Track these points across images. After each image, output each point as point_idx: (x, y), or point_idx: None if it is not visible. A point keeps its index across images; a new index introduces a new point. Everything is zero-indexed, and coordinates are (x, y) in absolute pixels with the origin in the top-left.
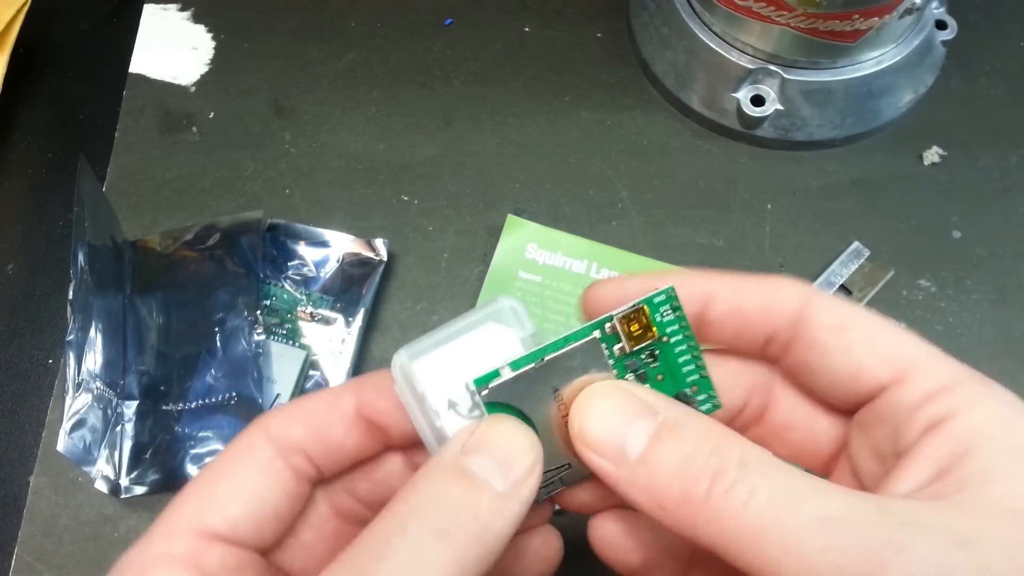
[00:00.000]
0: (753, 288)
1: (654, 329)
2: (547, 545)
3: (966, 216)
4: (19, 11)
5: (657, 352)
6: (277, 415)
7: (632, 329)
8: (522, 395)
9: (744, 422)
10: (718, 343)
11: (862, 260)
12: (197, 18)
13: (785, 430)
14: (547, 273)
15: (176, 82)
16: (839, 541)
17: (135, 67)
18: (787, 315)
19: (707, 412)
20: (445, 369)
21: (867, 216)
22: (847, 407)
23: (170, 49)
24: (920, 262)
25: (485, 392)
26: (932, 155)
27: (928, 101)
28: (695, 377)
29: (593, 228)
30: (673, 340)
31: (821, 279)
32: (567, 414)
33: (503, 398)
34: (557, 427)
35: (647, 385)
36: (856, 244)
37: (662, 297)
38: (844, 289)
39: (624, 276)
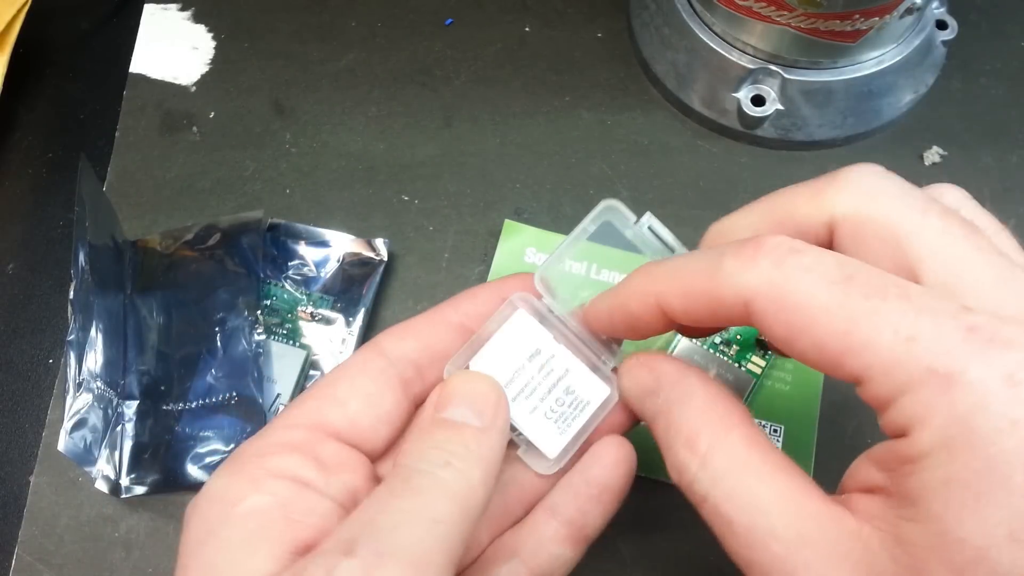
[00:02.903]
0: (699, 290)
1: None
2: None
3: None
4: (19, 11)
5: None
6: (387, 334)
7: None
8: None
9: None
10: (696, 332)
11: None
12: (197, 18)
13: None
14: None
15: (176, 82)
16: (769, 558)
17: (135, 67)
18: (736, 319)
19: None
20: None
21: None
22: None
23: (170, 49)
24: None
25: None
26: (933, 155)
27: (929, 101)
28: None
29: None
30: None
31: None
32: None
33: None
34: None
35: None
36: None
37: None
38: None
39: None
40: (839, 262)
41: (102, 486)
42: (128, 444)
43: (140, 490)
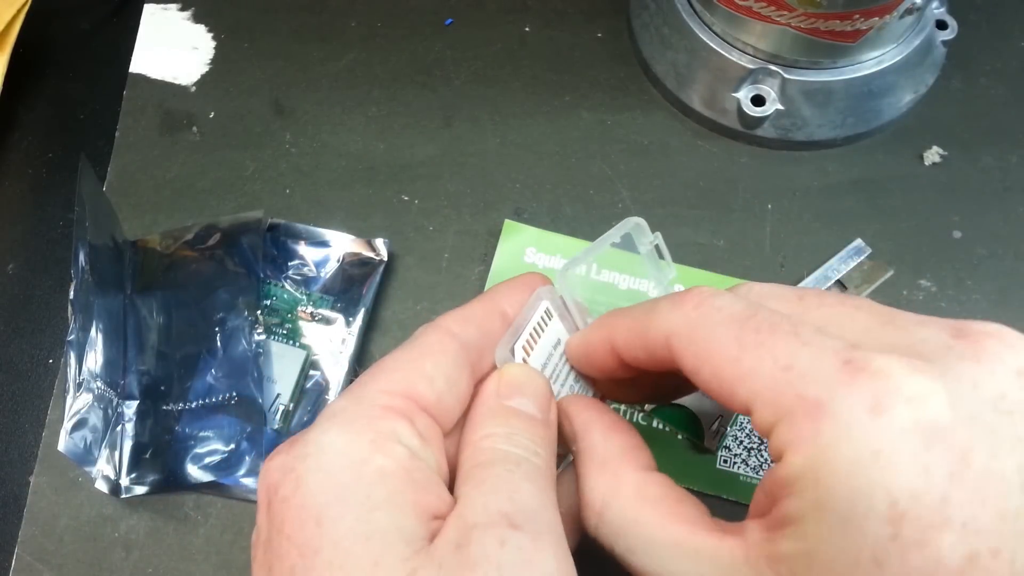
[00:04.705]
0: (636, 331)
1: None
2: None
3: (966, 216)
4: (19, 11)
5: None
6: (452, 319)
7: None
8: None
9: None
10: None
11: (862, 257)
12: (197, 18)
13: None
14: (548, 276)
15: (176, 82)
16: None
17: (135, 67)
18: (666, 362)
19: None
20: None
21: (867, 216)
22: None
23: (170, 49)
24: (920, 262)
25: None
26: (933, 155)
27: (929, 101)
28: None
29: (594, 228)
30: None
31: (818, 274)
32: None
33: None
34: None
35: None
36: (858, 241)
37: None
38: (840, 285)
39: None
40: (748, 305)
41: (102, 486)
42: (128, 444)
43: (140, 490)
